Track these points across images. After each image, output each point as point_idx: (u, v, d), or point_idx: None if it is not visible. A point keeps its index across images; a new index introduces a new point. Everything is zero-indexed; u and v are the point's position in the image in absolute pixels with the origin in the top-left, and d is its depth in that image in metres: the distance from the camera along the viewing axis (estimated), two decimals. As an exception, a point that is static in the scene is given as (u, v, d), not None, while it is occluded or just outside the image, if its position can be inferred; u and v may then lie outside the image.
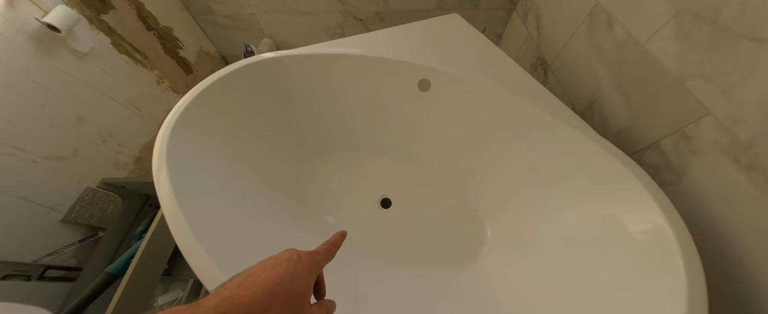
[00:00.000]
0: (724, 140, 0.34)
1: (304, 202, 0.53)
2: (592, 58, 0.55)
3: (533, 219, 0.44)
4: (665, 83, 0.41)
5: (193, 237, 0.29)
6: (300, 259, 0.18)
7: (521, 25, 0.86)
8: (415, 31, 0.58)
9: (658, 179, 0.41)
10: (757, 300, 0.31)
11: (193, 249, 0.29)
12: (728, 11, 0.33)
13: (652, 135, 0.43)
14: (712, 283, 0.28)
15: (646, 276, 0.30)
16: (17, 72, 0.57)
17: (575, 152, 0.39)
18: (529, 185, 0.46)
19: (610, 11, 0.51)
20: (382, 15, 0.95)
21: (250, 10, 0.97)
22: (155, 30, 0.87)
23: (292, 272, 0.17)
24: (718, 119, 0.34)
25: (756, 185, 0.31)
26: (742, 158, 0.32)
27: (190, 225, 0.30)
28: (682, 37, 0.38)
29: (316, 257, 0.20)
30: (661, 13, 0.41)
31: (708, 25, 0.35)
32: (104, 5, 0.72)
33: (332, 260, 0.22)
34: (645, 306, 0.28)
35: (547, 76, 0.71)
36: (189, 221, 0.30)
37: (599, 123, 0.53)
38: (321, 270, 0.20)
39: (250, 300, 0.15)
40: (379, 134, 0.58)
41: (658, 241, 0.30)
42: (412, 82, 0.51)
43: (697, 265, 0.28)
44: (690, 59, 0.38)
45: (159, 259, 0.52)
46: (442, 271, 0.47)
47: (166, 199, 0.31)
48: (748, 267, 0.32)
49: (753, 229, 0.31)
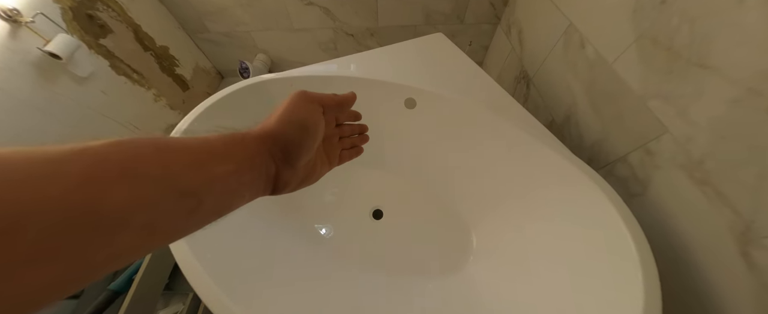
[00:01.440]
0: (681, 157, 0.37)
1: (300, 214, 0.56)
2: (568, 74, 0.58)
3: (513, 229, 0.47)
4: (630, 102, 0.44)
5: (192, 254, 0.32)
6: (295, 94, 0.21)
7: (505, 39, 0.90)
8: (401, 51, 0.61)
9: (628, 190, 0.44)
10: (712, 302, 0.34)
11: (191, 267, 0.31)
12: (680, 39, 0.37)
13: (621, 149, 0.46)
14: (672, 288, 0.31)
15: (610, 285, 0.33)
16: (20, 100, 0.59)
17: (548, 168, 0.42)
18: (509, 197, 0.49)
19: (581, 31, 0.54)
20: (373, 30, 0.98)
21: (245, 28, 1.00)
22: (152, 50, 0.90)
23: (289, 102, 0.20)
24: (675, 137, 0.37)
25: (708, 198, 0.34)
26: (695, 174, 0.35)
27: (188, 244, 0.32)
28: (643, 60, 0.42)
29: (314, 93, 0.21)
30: (624, 36, 0.45)
31: (664, 51, 0.39)
32: (103, 30, 0.74)
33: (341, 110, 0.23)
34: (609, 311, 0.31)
35: (529, 89, 0.74)
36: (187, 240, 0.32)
37: (576, 136, 0.57)
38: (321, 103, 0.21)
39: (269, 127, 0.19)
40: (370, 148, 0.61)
41: (621, 252, 0.33)
42: (398, 100, 0.54)
43: (653, 273, 0.31)
44: (650, 81, 0.41)
45: (160, 275, 0.54)
46: (431, 280, 0.50)
47: None
48: (704, 275, 0.34)
49: (705, 238, 0.34)
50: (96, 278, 0.11)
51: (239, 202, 0.17)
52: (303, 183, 0.22)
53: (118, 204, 0.10)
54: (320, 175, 0.24)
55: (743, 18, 0.30)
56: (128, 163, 0.11)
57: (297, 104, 0.20)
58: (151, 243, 0.12)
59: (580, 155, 0.41)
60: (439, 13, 0.93)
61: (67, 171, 0.10)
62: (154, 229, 0.12)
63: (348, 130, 0.28)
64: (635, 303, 0.29)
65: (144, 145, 0.12)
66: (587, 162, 0.40)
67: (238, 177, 0.16)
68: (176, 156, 0.13)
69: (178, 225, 0.13)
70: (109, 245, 0.10)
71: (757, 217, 0.29)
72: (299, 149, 0.19)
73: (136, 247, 0.12)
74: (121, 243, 0.11)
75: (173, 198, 0.12)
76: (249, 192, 0.17)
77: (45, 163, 0.10)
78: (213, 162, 0.15)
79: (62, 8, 0.67)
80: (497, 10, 0.92)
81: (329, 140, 0.25)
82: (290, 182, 0.20)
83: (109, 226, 0.10)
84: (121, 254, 0.11)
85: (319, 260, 0.50)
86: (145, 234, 0.12)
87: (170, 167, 0.13)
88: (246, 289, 0.34)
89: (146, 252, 0.13)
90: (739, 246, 0.31)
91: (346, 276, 0.49)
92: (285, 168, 0.19)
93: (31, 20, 0.60)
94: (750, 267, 0.30)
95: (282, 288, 0.40)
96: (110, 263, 0.11)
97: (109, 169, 0.11)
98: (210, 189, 0.14)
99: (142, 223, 0.11)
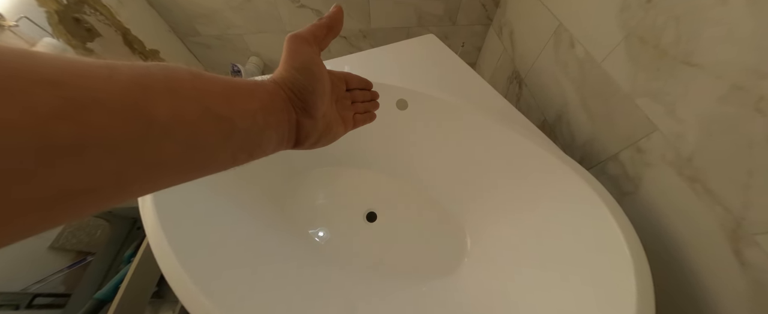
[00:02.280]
0: (670, 154, 0.37)
1: (292, 219, 0.55)
2: (559, 74, 0.59)
3: (506, 230, 0.47)
4: (620, 100, 0.44)
5: (179, 265, 0.31)
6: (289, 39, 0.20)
7: (497, 40, 0.90)
8: (393, 52, 0.61)
9: (619, 189, 0.44)
10: (706, 301, 0.33)
11: (178, 277, 0.30)
12: (666, 37, 0.37)
13: (612, 148, 0.46)
14: (665, 286, 0.30)
15: (603, 284, 0.32)
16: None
17: (540, 168, 0.42)
18: (502, 198, 0.48)
19: (571, 32, 0.54)
20: (365, 32, 0.98)
21: (237, 31, 0.99)
22: (142, 53, 0.89)
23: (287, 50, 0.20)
24: (664, 134, 0.38)
25: (698, 195, 0.34)
26: (685, 171, 0.35)
27: (175, 253, 0.31)
28: (631, 59, 0.42)
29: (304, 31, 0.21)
30: (612, 35, 0.45)
31: (651, 49, 0.39)
32: (90, 34, 0.73)
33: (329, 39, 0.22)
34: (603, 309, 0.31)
35: (522, 89, 0.74)
36: (174, 249, 0.31)
37: (567, 135, 0.57)
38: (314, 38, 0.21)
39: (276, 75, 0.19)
40: (363, 150, 0.60)
41: (613, 251, 0.33)
42: (390, 102, 0.54)
43: (646, 273, 0.30)
44: (639, 79, 0.41)
45: (147, 282, 0.53)
46: (426, 282, 0.49)
47: (151, 226, 0.32)
48: (697, 273, 0.34)
49: (697, 236, 0.34)
50: (141, 190, 0.11)
51: (267, 144, 0.17)
52: (322, 138, 0.22)
53: (163, 114, 0.11)
54: (337, 135, 0.24)
55: (727, 15, 0.30)
56: (170, 81, 0.12)
57: (296, 49, 0.20)
58: (192, 161, 0.13)
59: (572, 154, 0.41)
60: (431, 15, 0.93)
61: (119, 75, 0.10)
62: (196, 145, 0.13)
63: (360, 96, 0.28)
64: (628, 303, 0.29)
65: (181, 69, 0.13)
66: (579, 161, 0.40)
67: (264, 115, 0.16)
68: (209, 85, 0.14)
69: (217, 147, 0.14)
70: (158, 151, 0.11)
71: (748, 214, 0.29)
72: (312, 95, 0.19)
73: (182, 163, 0.12)
74: (169, 151, 0.11)
75: (211, 119, 0.13)
76: (275, 134, 0.18)
77: (102, 66, 0.10)
78: (240, 96, 0.15)
79: (48, 12, 0.65)
80: (489, 12, 0.92)
81: (342, 102, 0.25)
82: (311, 134, 0.20)
83: (157, 132, 0.11)
84: (168, 164, 0.12)
85: (313, 265, 0.49)
86: (189, 149, 0.12)
87: (205, 92, 0.13)
88: (235, 298, 0.33)
89: (190, 172, 0.13)
90: (731, 244, 0.31)
91: (341, 280, 0.48)
92: (304, 117, 0.20)
93: (15, 24, 0.58)
94: (742, 264, 0.30)
95: (274, 294, 0.39)
96: (159, 171, 0.12)
97: (155, 81, 0.11)
98: (241, 119, 0.15)
99: (185, 137, 0.12)
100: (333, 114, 0.23)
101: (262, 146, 0.17)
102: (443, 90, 0.53)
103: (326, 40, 0.22)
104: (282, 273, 0.44)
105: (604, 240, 0.34)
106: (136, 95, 0.10)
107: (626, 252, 0.31)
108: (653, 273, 0.30)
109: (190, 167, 0.13)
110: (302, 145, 0.21)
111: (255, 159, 0.17)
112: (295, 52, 0.20)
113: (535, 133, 0.46)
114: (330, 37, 0.22)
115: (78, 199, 0.09)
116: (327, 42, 0.22)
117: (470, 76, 0.56)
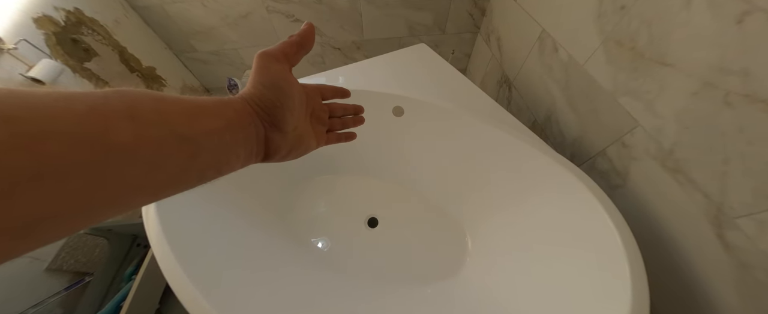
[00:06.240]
0: (653, 148, 0.39)
1: (294, 228, 0.55)
2: (545, 77, 0.62)
3: (505, 228, 0.48)
4: (603, 99, 0.47)
5: (188, 280, 0.31)
6: (258, 57, 0.21)
7: (486, 47, 0.94)
8: (386, 62, 0.64)
9: (609, 183, 0.46)
10: (697, 285, 0.35)
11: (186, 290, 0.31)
12: (641, 40, 0.40)
13: (599, 144, 0.48)
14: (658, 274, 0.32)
15: (599, 275, 0.34)
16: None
17: (533, 167, 0.44)
18: (499, 198, 0.50)
19: (554, 37, 0.58)
20: (359, 44, 1.01)
21: (232, 46, 1.01)
22: (139, 71, 0.90)
23: (256, 67, 0.20)
24: (646, 129, 0.40)
25: (680, 185, 0.36)
26: (667, 163, 0.37)
27: (179, 263, 0.32)
28: (611, 60, 0.45)
29: (274, 49, 0.21)
30: (592, 39, 0.48)
31: (628, 51, 0.42)
32: (87, 54, 0.74)
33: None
34: (598, 302, 0.32)
35: (512, 92, 0.77)
36: (180, 262, 0.32)
37: (557, 134, 0.59)
38: (284, 55, 0.21)
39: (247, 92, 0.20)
40: (362, 156, 0.62)
41: (607, 244, 0.34)
42: (386, 109, 0.56)
43: (639, 262, 0.32)
44: (619, 79, 0.44)
45: (151, 300, 0.52)
46: (429, 285, 0.50)
47: (156, 239, 0.33)
48: (686, 259, 0.36)
49: (684, 224, 0.36)
50: (108, 213, 0.12)
51: (235, 161, 0.17)
52: (293, 151, 0.22)
53: (124, 139, 0.11)
54: (309, 148, 0.24)
55: (691, 18, 0.33)
56: (130, 107, 0.12)
57: (265, 66, 0.20)
58: (158, 183, 0.13)
59: (562, 152, 0.43)
60: (422, 25, 0.97)
61: (75, 105, 0.11)
62: (160, 167, 0.13)
63: (339, 108, 0.28)
64: (624, 289, 0.30)
65: (142, 94, 0.13)
66: (570, 158, 0.42)
67: (231, 133, 0.17)
68: (172, 107, 0.14)
69: (183, 167, 0.14)
70: (120, 175, 0.11)
71: (726, 199, 0.31)
72: (281, 110, 0.20)
73: (147, 185, 0.13)
74: (133, 175, 0.12)
75: (174, 141, 0.13)
76: (243, 150, 0.18)
77: (58, 97, 0.11)
78: (205, 116, 0.16)
79: (46, 34, 0.66)
80: (476, 20, 0.96)
81: (317, 115, 0.25)
82: (281, 147, 0.21)
83: (118, 157, 0.11)
84: (133, 186, 0.12)
85: (317, 273, 0.49)
86: (152, 171, 0.12)
87: (168, 114, 0.14)
88: (239, 306, 0.34)
89: (158, 193, 0.13)
90: (715, 229, 0.33)
91: (345, 286, 0.48)
92: (273, 131, 0.20)
93: (14, 47, 0.59)
94: (726, 247, 0.32)
95: (278, 302, 0.39)
96: (125, 194, 0.12)
97: (113, 108, 0.12)
98: (207, 139, 0.15)
99: (148, 159, 0.12)
100: (305, 127, 0.23)
101: (230, 162, 0.17)
102: (437, 96, 0.55)
103: (297, 56, 0.23)
104: (286, 281, 0.44)
105: (597, 231, 0.36)
106: (94, 122, 0.11)
107: (619, 241, 0.33)
108: (645, 260, 0.31)
109: (157, 188, 0.13)
110: (272, 158, 0.21)
111: (224, 175, 0.17)
112: (263, 68, 0.20)
113: (527, 133, 0.48)
114: (301, 54, 0.23)
115: (43, 225, 0.10)
116: (298, 58, 0.23)
117: (462, 82, 0.59)
